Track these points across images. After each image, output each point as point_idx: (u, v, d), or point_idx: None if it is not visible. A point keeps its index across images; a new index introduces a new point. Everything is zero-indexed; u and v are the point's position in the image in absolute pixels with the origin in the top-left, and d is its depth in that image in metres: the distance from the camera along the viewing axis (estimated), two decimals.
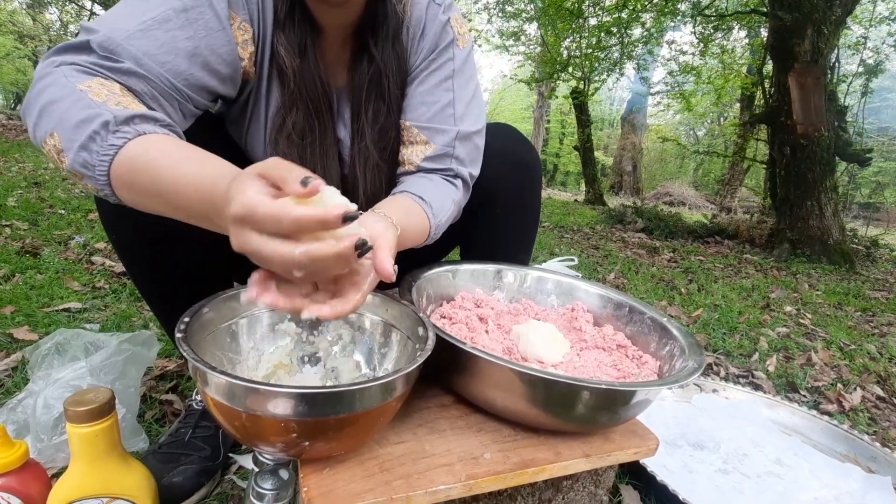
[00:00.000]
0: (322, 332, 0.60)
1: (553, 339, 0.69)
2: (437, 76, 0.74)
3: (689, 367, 0.54)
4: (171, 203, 0.45)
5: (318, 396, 0.38)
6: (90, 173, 0.47)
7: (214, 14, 0.59)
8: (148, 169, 0.45)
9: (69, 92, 0.49)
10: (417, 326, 0.53)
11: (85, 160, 0.46)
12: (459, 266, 0.78)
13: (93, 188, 0.48)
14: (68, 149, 0.47)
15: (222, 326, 0.52)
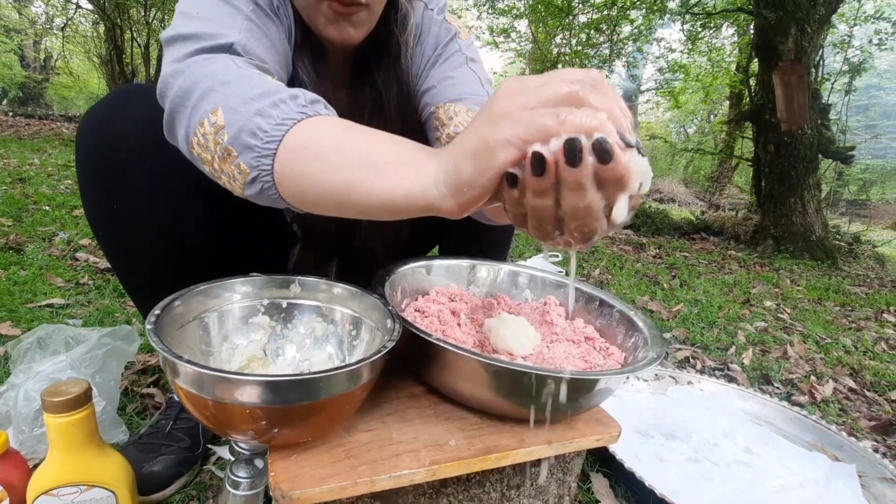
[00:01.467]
0: (295, 325, 0.61)
1: (524, 332, 0.71)
2: (452, 62, 0.74)
3: (649, 358, 0.56)
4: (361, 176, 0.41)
5: (283, 384, 0.40)
6: (256, 141, 0.44)
7: (275, 25, 0.62)
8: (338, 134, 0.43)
9: (243, 75, 0.48)
10: (386, 319, 0.55)
11: (257, 127, 0.44)
12: (434, 261, 0.79)
13: (245, 167, 0.45)
14: (235, 121, 0.44)
15: (194, 320, 0.54)
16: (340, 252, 0.87)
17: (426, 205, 0.39)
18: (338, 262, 0.89)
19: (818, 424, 1.12)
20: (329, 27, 0.63)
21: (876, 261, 3.96)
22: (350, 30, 0.64)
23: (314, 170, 0.43)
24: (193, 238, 0.67)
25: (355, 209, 0.44)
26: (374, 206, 0.42)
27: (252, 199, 0.50)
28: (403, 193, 0.39)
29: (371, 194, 0.41)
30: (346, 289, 0.61)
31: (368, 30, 0.67)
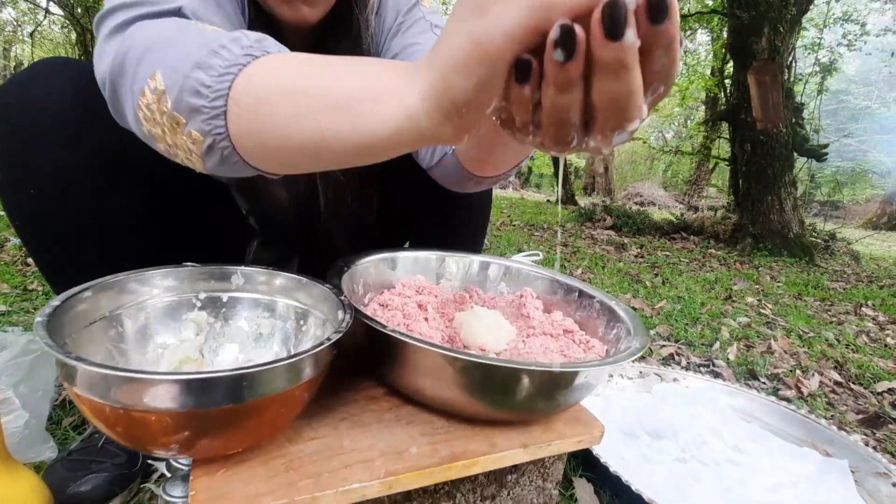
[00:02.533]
0: (237, 320, 0.54)
1: (498, 326, 0.66)
2: (416, 29, 0.68)
3: (633, 348, 0.51)
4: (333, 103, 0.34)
5: (192, 384, 0.33)
6: (201, 101, 0.37)
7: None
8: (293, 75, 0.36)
9: (185, 29, 0.40)
10: (337, 310, 0.48)
11: (199, 83, 0.36)
12: (400, 253, 0.73)
13: (197, 134, 0.38)
14: (174, 81, 0.37)
15: (112, 315, 0.46)
16: (302, 248, 0.80)
17: (418, 137, 0.32)
18: (300, 259, 0.81)
19: (807, 419, 1.08)
20: (282, 6, 0.57)
21: (851, 257, 4.02)
22: (305, 9, 0.58)
23: (275, 124, 0.36)
24: (121, 225, 0.59)
25: (336, 160, 0.37)
26: (356, 152, 0.35)
27: (217, 172, 0.42)
28: (388, 131, 0.33)
29: (351, 140, 0.34)
30: (293, 278, 0.54)
31: (326, 8, 0.60)
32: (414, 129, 0.31)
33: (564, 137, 0.28)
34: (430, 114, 0.30)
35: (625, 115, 0.26)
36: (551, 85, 0.26)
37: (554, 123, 0.28)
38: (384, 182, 0.81)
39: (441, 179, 0.71)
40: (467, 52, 0.27)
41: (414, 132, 0.32)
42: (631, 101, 0.26)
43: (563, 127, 0.28)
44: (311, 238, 0.77)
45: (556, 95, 0.26)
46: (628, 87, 0.25)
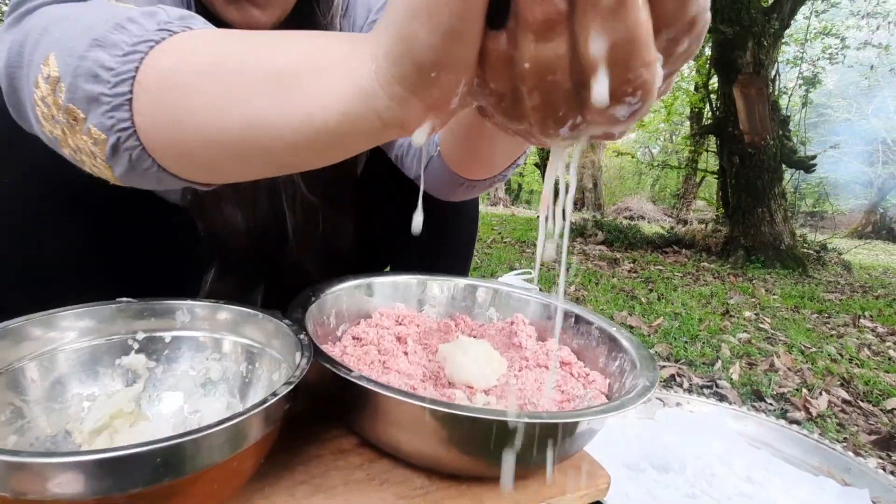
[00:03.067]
0: (181, 363, 0.47)
1: (486, 358, 0.58)
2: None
3: (640, 387, 0.44)
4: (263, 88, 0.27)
5: (104, 464, 0.26)
6: (100, 87, 0.29)
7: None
8: (217, 51, 0.28)
9: (87, 6, 0.33)
10: (295, 351, 0.41)
11: (98, 64, 0.29)
12: (377, 278, 0.66)
13: (97, 131, 0.30)
14: (69, 64, 0.29)
15: (12, 368, 0.39)
16: (267, 276, 0.72)
17: (375, 121, 0.25)
18: (264, 291, 0.74)
19: (821, 444, 1.01)
20: (228, 9, 0.50)
21: (843, 267, 4.01)
22: (255, 12, 0.50)
23: (191, 110, 0.28)
24: (52, 257, 0.52)
25: (269, 158, 0.29)
26: (296, 145, 0.27)
27: (131, 182, 0.34)
28: (336, 113, 0.25)
29: (287, 127, 0.27)
30: (247, 313, 0.47)
31: (282, 13, 0.53)
32: (369, 107, 0.24)
33: (553, 113, 0.22)
34: (388, 86, 0.23)
35: (629, 71, 0.19)
36: (530, 30, 0.19)
37: (538, 89, 0.21)
38: (361, 201, 0.75)
39: (430, 188, 0.64)
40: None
41: (369, 112, 0.24)
42: (636, 52, 0.19)
43: (550, 95, 0.21)
44: (277, 266, 0.70)
45: (537, 46, 0.20)
46: (629, 31, 0.18)
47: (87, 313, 0.43)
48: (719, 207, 5.27)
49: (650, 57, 0.19)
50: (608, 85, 0.19)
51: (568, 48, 0.19)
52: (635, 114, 0.21)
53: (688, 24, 0.19)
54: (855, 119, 14.43)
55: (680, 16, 0.19)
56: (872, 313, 2.46)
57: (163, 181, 0.33)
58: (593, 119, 0.21)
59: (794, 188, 7.30)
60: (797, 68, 5.24)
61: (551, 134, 0.23)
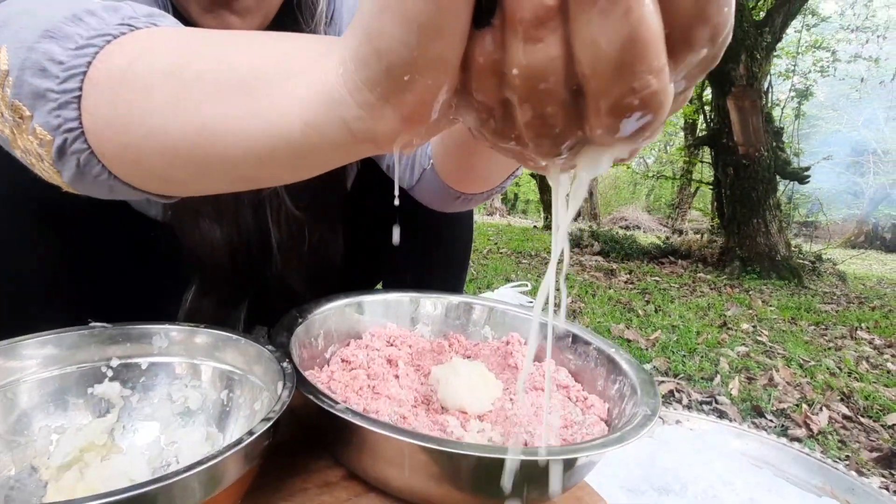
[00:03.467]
0: (157, 391, 0.44)
1: (481, 382, 0.56)
2: None
3: (642, 416, 0.42)
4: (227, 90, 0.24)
5: None
6: (48, 82, 0.26)
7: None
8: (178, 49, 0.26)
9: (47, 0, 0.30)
10: (278, 380, 0.38)
11: (48, 57, 0.26)
12: (367, 297, 0.64)
13: (42, 132, 0.27)
14: (18, 56, 0.27)
15: None
16: (251, 292, 0.70)
17: (343, 130, 0.22)
18: (248, 308, 0.71)
19: (823, 463, 0.99)
20: (205, 17, 0.48)
21: (838, 278, 4.01)
22: (233, 19, 0.48)
23: (143, 111, 0.26)
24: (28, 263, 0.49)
25: (228, 170, 0.26)
26: (256, 156, 0.25)
27: (80, 189, 0.31)
28: (299, 121, 0.22)
29: (245, 135, 0.24)
30: (228, 337, 0.44)
31: (264, 19, 0.51)
32: (336, 117, 0.21)
33: (549, 130, 0.18)
34: (357, 92, 0.20)
35: (634, 79, 0.16)
36: (518, 28, 0.16)
37: (530, 101, 0.18)
38: (351, 214, 0.73)
39: (425, 200, 0.62)
40: None
41: (336, 122, 0.22)
42: (641, 56, 0.16)
43: (543, 107, 0.18)
44: (261, 282, 0.68)
45: (526, 48, 0.17)
46: (633, 29, 0.15)
47: (54, 340, 0.40)
48: (714, 218, 5.29)
49: (659, 63, 0.16)
50: (611, 94, 0.17)
51: (562, 50, 0.16)
52: (645, 131, 0.18)
53: (706, 27, 0.16)
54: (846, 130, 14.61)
55: (697, 16, 0.16)
56: (869, 325, 2.45)
57: (115, 190, 0.31)
58: (596, 137, 0.18)
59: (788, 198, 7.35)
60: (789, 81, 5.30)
61: (548, 155, 0.20)
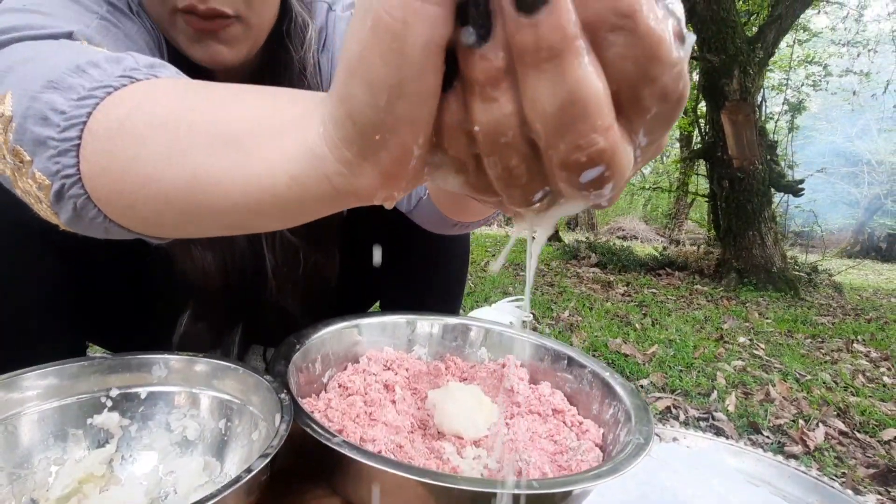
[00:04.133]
0: (157, 421, 0.45)
1: (477, 406, 0.57)
2: None
3: (635, 445, 0.42)
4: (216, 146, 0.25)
5: None
6: (49, 130, 0.28)
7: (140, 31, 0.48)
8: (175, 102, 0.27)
9: (62, 47, 0.32)
10: (275, 412, 0.39)
11: (51, 106, 0.28)
12: (364, 319, 0.65)
13: (41, 177, 0.29)
14: (22, 104, 0.28)
15: None
16: (245, 316, 0.70)
17: (326, 186, 0.23)
18: (244, 329, 0.72)
19: (819, 482, 0.99)
20: (193, 47, 0.49)
21: (834, 289, 4.03)
22: (221, 49, 0.49)
23: (137, 160, 0.27)
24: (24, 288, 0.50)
25: (217, 217, 0.28)
26: (245, 206, 0.26)
27: (77, 229, 0.33)
28: (285, 175, 0.24)
29: (234, 187, 0.25)
30: (227, 367, 0.45)
31: (251, 48, 0.52)
32: (319, 172, 0.22)
33: (517, 181, 0.20)
34: (336, 149, 0.22)
35: (579, 137, 0.17)
36: (474, 89, 0.18)
37: (495, 154, 0.19)
38: (347, 239, 0.74)
39: (422, 223, 0.63)
40: (360, 43, 0.18)
41: (319, 177, 0.23)
42: (582, 115, 0.17)
43: (508, 160, 0.19)
44: (256, 306, 0.68)
45: (482, 107, 0.18)
46: (572, 90, 0.16)
47: (55, 371, 0.41)
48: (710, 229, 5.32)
49: (604, 122, 0.17)
50: (560, 150, 0.18)
51: (516, 108, 0.18)
52: (605, 183, 0.19)
53: (653, 87, 0.17)
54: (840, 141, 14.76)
55: (642, 77, 0.17)
56: (865, 337, 2.46)
57: (111, 232, 0.32)
58: (560, 189, 0.19)
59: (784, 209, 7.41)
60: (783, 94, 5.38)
61: (522, 205, 0.21)
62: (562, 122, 0.17)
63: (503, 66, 0.17)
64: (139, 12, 0.48)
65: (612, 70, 0.17)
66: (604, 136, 0.17)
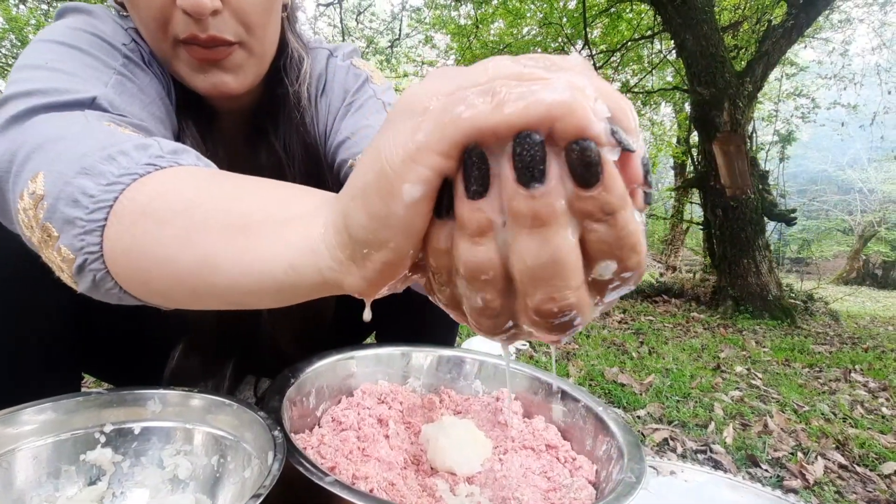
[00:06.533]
0: (150, 457, 0.45)
1: (471, 441, 0.57)
2: (368, 109, 0.60)
3: (625, 484, 0.43)
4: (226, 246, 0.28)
5: None
6: (78, 212, 0.31)
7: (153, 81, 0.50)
8: (193, 189, 0.30)
9: (90, 128, 0.35)
10: (268, 449, 0.39)
11: (81, 190, 0.31)
12: (358, 352, 0.65)
13: (67, 251, 0.31)
14: (56, 187, 0.31)
15: None
16: (238, 351, 0.71)
17: (318, 279, 0.26)
18: (235, 365, 0.72)
19: None
20: (196, 78, 0.50)
21: (831, 317, 4.03)
22: (226, 78, 0.50)
23: (155, 243, 0.30)
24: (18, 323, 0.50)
25: (220, 296, 0.30)
26: (244, 288, 0.28)
27: (92, 295, 0.35)
28: (283, 264, 0.26)
29: (238, 269, 0.28)
30: (221, 402, 0.45)
31: (256, 76, 0.54)
32: (313, 265, 0.25)
33: (489, 313, 0.22)
34: (331, 250, 0.25)
35: (554, 291, 0.20)
36: (465, 230, 0.20)
37: (473, 287, 0.21)
38: None
39: None
40: (369, 174, 0.21)
41: (313, 270, 0.25)
42: (558, 274, 0.20)
43: (484, 294, 0.21)
44: (249, 340, 0.69)
45: (469, 246, 0.20)
46: (552, 253, 0.19)
47: (52, 406, 0.41)
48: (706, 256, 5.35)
49: (574, 282, 0.20)
50: (534, 298, 0.20)
51: (499, 254, 0.20)
52: (568, 328, 0.22)
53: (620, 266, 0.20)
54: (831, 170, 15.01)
55: (612, 256, 0.20)
56: (863, 367, 2.46)
57: (123, 300, 0.35)
58: (530, 329, 0.22)
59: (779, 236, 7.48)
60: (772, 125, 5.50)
61: (489, 334, 0.24)
62: (541, 276, 0.20)
63: (492, 219, 0.20)
64: (150, 62, 0.50)
65: (590, 246, 0.20)
66: (574, 294, 0.20)
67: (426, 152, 0.19)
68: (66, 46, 0.44)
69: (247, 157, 0.62)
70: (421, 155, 0.19)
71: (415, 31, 8.27)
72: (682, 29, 3.51)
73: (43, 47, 0.44)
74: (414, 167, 0.20)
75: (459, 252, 0.21)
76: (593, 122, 0.18)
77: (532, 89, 0.18)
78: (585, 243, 0.20)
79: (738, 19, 4.95)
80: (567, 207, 0.19)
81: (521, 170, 0.18)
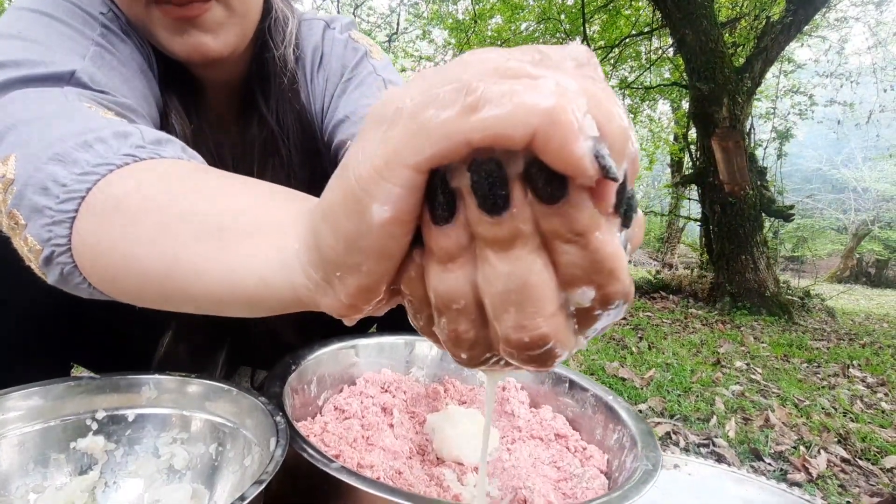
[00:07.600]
0: (144, 445, 0.43)
1: (477, 430, 0.55)
2: (368, 87, 0.57)
3: (642, 472, 0.41)
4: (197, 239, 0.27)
5: None
6: (47, 201, 0.29)
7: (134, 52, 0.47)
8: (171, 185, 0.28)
9: (67, 108, 0.33)
10: (270, 436, 0.37)
11: (52, 178, 0.29)
12: (361, 340, 0.63)
13: (34, 242, 0.30)
14: (26, 171, 0.29)
15: None
16: (230, 338, 0.68)
17: (293, 297, 0.24)
18: (229, 355, 0.69)
19: None
20: (174, 41, 0.46)
21: (827, 314, 4.05)
22: (205, 38, 0.46)
23: (124, 239, 0.28)
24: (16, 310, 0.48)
25: (190, 300, 0.28)
26: (214, 297, 0.27)
27: (62, 288, 0.34)
28: (254, 277, 0.25)
29: (207, 276, 0.26)
30: (220, 388, 0.43)
31: (238, 38, 0.50)
32: (286, 281, 0.24)
33: (464, 342, 0.21)
34: (304, 268, 0.23)
35: (524, 318, 0.18)
36: (433, 257, 0.19)
37: (446, 316, 0.20)
38: None
39: None
40: (335, 192, 0.20)
41: (286, 286, 0.24)
42: (528, 301, 0.18)
43: (458, 323, 0.20)
44: (243, 328, 0.66)
45: (440, 275, 0.19)
46: (519, 277, 0.18)
47: (40, 392, 0.39)
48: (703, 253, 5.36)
49: (546, 310, 0.18)
50: (506, 325, 0.19)
51: (470, 281, 0.19)
52: (547, 361, 0.20)
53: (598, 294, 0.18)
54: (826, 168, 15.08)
55: (588, 282, 0.18)
56: (861, 362, 2.46)
57: (94, 295, 0.33)
58: (506, 357, 0.20)
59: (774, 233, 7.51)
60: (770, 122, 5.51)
61: (466, 365, 0.22)
62: (510, 301, 0.18)
63: (461, 244, 0.18)
64: (129, 32, 0.47)
65: (562, 270, 0.18)
66: (547, 322, 0.18)
67: (395, 167, 0.17)
68: (40, 14, 0.42)
69: (237, 132, 0.60)
70: (389, 170, 0.17)
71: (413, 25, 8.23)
72: (682, 24, 3.49)
73: (15, 15, 0.41)
74: (382, 185, 0.17)
75: (430, 279, 0.19)
76: (576, 145, 0.15)
77: (514, 89, 0.15)
78: (558, 267, 0.18)
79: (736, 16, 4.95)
80: (534, 228, 0.17)
81: (482, 198, 0.17)
